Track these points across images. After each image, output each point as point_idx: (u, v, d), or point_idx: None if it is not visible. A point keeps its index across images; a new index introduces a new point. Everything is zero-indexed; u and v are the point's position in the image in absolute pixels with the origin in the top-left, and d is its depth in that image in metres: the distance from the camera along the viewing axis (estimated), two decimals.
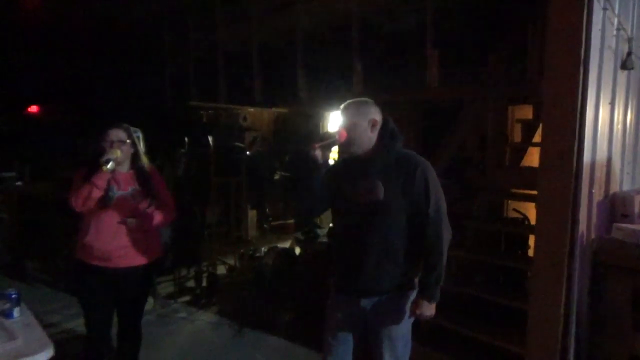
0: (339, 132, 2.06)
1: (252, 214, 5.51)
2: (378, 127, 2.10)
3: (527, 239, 3.99)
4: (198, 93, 8.25)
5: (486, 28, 4.62)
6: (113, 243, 2.57)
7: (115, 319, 2.78)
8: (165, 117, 7.66)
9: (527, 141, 4.24)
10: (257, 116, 7.35)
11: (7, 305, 2.04)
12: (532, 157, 4.39)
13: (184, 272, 4.71)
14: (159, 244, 2.83)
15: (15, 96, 9.85)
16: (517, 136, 4.29)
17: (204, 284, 4.60)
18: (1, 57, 9.24)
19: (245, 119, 7.20)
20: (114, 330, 2.78)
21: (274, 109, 6.56)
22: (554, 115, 2.64)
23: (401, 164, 2.04)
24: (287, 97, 6.49)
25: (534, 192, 3.67)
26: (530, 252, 3.93)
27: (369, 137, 2.08)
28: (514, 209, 4.10)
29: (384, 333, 2.09)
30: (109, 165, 2.43)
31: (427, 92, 4.83)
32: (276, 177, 5.64)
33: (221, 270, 4.95)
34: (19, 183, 5.62)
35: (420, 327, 3.50)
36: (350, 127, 2.06)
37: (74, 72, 9.43)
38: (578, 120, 2.53)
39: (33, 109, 10.49)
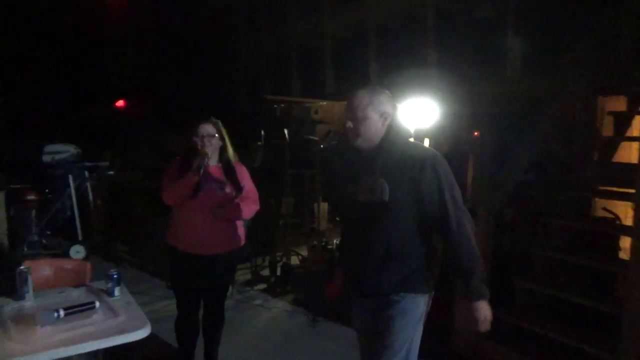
0: (348, 127, 1.91)
1: (324, 206, 5.59)
2: (389, 120, 1.92)
3: (617, 240, 3.74)
4: (271, 87, 8.45)
5: (572, 14, 4.35)
6: (201, 232, 2.70)
7: None
8: (240, 110, 7.92)
9: (619, 135, 3.96)
10: (328, 110, 7.39)
11: (110, 285, 2.22)
12: (625, 153, 4.09)
13: (259, 261, 4.87)
14: (241, 233, 2.93)
15: (105, 91, 10.62)
16: (608, 130, 4.01)
17: (278, 273, 4.73)
18: (92, 55, 9.99)
19: (316, 112, 7.28)
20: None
21: (345, 103, 6.58)
22: None
23: (408, 159, 1.85)
24: (359, 89, 6.49)
25: (628, 190, 3.45)
26: (621, 254, 3.69)
27: (378, 131, 1.91)
28: (604, 208, 3.85)
29: (388, 336, 1.92)
30: (200, 172, 2.56)
31: (508, 82, 4.65)
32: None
33: (294, 260, 5.06)
34: (111, 172, 6.08)
35: (499, 327, 3.41)
36: (360, 120, 1.88)
37: (154, 68, 10.01)
38: None
39: (120, 103, 11.27)
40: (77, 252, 5.26)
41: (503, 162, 3.75)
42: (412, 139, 1.98)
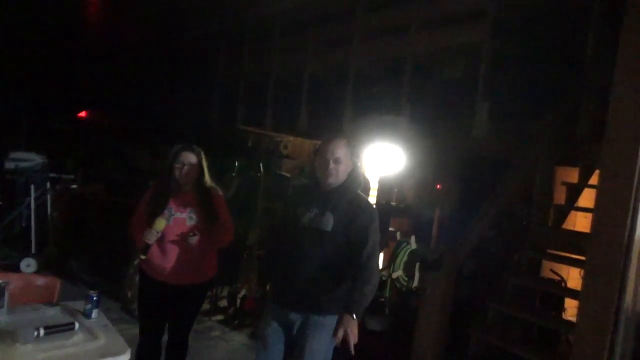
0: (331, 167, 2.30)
1: None
2: (350, 169, 2.38)
3: (563, 301, 4.03)
4: (245, 116, 8.50)
5: (539, 88, 4.73)
6: (172, 261, 2.68)
7: None
8: (213, 136, 7.92)
9: (570, 204, 4.30)
10: (298, 145, 7.53)
11: (89, 306, 2.20)
12: (574, 220, 4.45)
13: (217, 291, 4.82)
14: (214, 264, 2.92)
15: (70, 101, 10.32)
16: (560, 198, 4.36)
17: (238, 305, 4.71)
18: (60, 63, 9.73)
19: (286, 146, 7.41)
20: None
21: (315, 141, 6.76)
22: (610, 185, 2.73)
23: (355, 205, 2.32)
24: (331, 129, 6.67)
25: (574, 256, 3.75)
26: (565, 315, 3.98)
27: (344, 175, 2.35)
28: (551, 270, 4.15)
29: (307, 345, 2.25)
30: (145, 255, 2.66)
31: (474, 142, 4.93)
32: None
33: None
34: (74, 186, 5.90)
35: None
36: (339, 162, 2.30)
37: (124, 83, 9.85)
38: (634, 192, 2.62)
39: (82, 113, 10.98)
40: (28, 265, 5.03)
41: (467, 217, 3.99)
42: (370, 190, 2.40)
